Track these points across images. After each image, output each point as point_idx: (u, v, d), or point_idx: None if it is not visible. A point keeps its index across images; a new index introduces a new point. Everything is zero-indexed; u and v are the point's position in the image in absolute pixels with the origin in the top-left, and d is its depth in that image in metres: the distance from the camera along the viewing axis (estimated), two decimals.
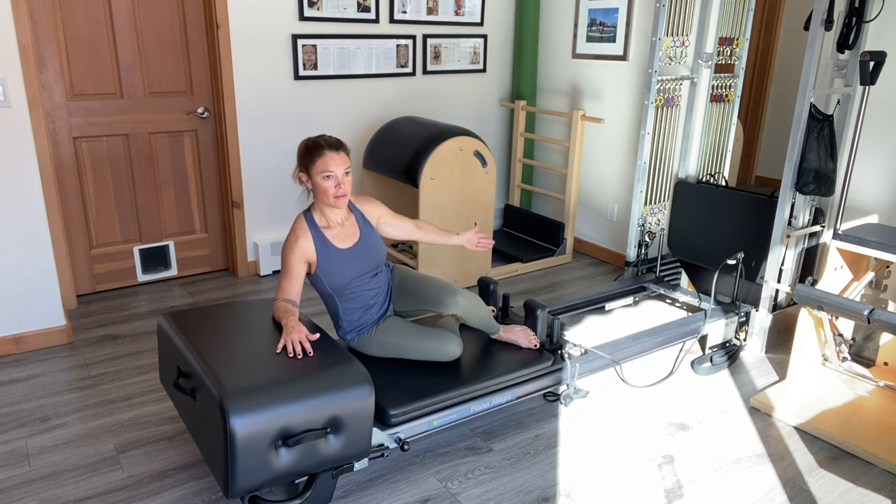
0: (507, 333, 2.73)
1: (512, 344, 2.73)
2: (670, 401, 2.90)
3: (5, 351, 3.18)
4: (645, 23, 4.13)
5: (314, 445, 1.91)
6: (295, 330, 2.13)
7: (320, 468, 1.98)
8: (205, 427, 1.92)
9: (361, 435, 2.01)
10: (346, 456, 2.01)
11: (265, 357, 2.02)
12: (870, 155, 3.19)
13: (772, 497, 2.32)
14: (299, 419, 1.85)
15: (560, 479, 2.38)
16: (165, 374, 2.33)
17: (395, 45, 4.34)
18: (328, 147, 2.25)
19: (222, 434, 1.76)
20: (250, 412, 1.77)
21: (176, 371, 2.15)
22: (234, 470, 1.76)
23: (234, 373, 1.90)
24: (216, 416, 1.80)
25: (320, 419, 1.90)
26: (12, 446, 2.50)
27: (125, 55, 3.64)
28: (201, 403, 1.94)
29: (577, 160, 4.36)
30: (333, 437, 1.96)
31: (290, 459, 1.87)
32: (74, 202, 3.70)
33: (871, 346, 3.13)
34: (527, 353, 2.67)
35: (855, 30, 2.95)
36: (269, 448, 1.82)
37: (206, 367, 1.95)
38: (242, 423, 1.75)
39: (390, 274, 2.59)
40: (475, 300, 2.53)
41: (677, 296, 3.71)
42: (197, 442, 2.04)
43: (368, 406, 2.00)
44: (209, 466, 1.94)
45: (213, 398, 1.82)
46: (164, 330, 2.30)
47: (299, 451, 1.89)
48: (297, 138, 4.18)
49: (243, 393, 1.81)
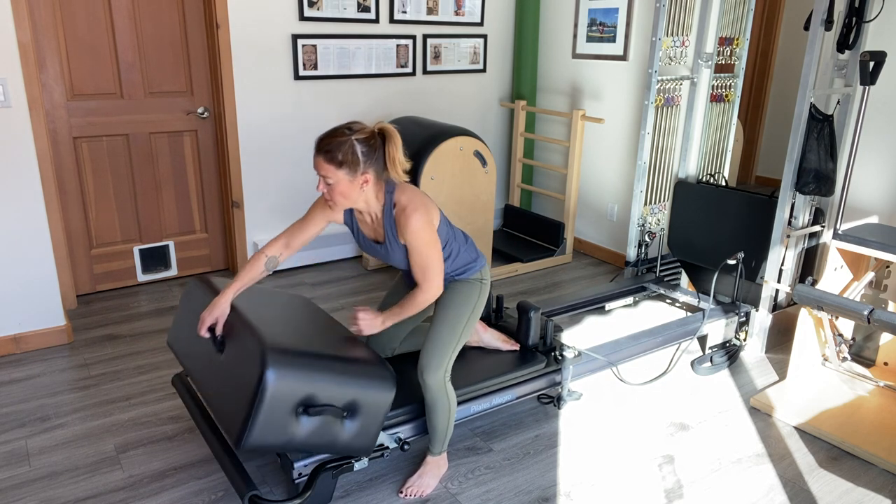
0: (478, 341, 2.71)
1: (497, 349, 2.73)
2: (670, 401, 2.90)
3: (5, 351, 3.18)
4: (645, 23, 4.13)
5: (328, 426, 1.95)
6: (212, 309, 2.10)
7: (326, 451, 2.00)
8: (228, 378, 1.95)
9: (371, 430, 2.05)
10: (352, 447, 2.03)
11: (302, 329, 2.08)
12: (870, 155, 3.19)
13: (772, 497, 2.32)
14: (325, 394, 1.91)
15: (560, 479, 2.38)
16: (180, 332, 2.31)
17: (395, 45, 4.35)
18: (316, 146, 1.99)
19: (254, 385, 1.80)
20: (286, 370, 1.82)
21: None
22: (255, 421, 1.79)
23: (274, 333, 1.95)
24: (251, 367, 1.84)
25: (342, 400, 1.95)
26: (12, 446, 2.50)
27: (125, 55, 3.64)
28: (231, 355, 1.98)
29: (577, 160, 4.36)
30: (349, 422, 1.99)
31: (304, 430, 1.90)
32: (74, 202, 3.70)
33: (871, 346, 3.13)
34: (520, 356, 2.67)
35: (855, 30, 2.95)
36: (291, 412, 1.87)
37: (246, 322, 2.00)
38: (276, 378, 1.80)
39: None
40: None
41: (677, 296, 3.72)
42: (208, 395, 2.05)
43: (385, 404, 2.05)
44: (219, 419, 1.94)
45: (253, 349, 1.87)
46: (196, 289, 2.32)
47: (314, 425, 1.92)
48: (297, 138, 4.18)
49: (283, 352, 1.86)
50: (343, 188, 1.98)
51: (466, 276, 2.26)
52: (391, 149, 2.00)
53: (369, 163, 1.97)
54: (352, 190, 1.99)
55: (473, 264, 2.27)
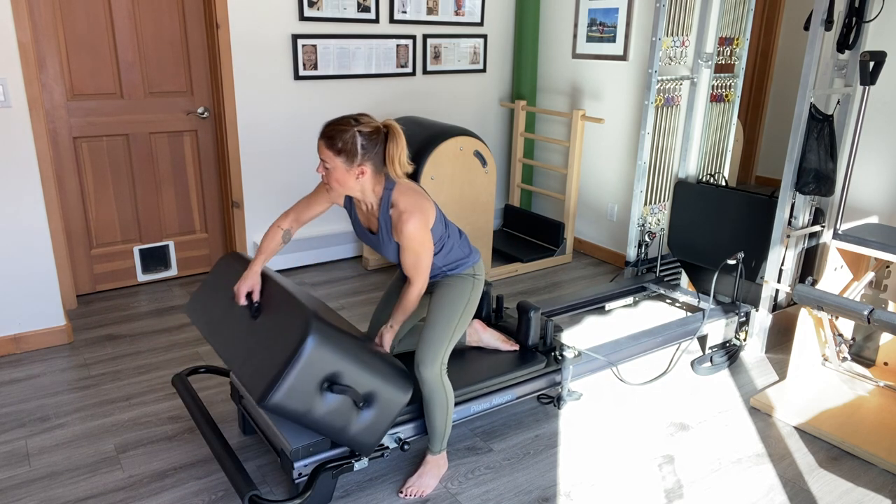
0: (477, 341, 2.72)
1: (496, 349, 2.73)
2: (670, 401, 2.90)
3: (5, 351, 3.18)
4: (645, 23, 4.13)
5: (344, 411, 2.00)
6: (246, 278, 2.18)
7: (334, 436, 2.03)
8: (260, 342, 2.04)
9: (380, 427, 2.09)
10: (358, 440, 2.06)
11: (332, 316, 2.18)
12: (870, 155, 3.19)
13: (772, 497, 2.32)
14: (350, 377, 1.98)
15: (560, 479, 2.38)
16: (201, 301, 2.35)
17: (395, 45, 4.35)
18: (321, 130, 2.08)
19: (293, 347, 1.89)
20: (325, 341, 1.92)
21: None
22: (284, 381, 1.86)
23: (314, 308, 2.04)
24: (292, 332, 1.93)
25: (363, 389, 2.02)
26: (12, 446, 2.50)
27: (125, 55, 3.64)
28: (268, 321, 2.08)
29: (577, 160, 4.36)
30: (363, 412, 2.05)
31: (322, 407, 1.95)
32: (74, 202, 3.70)
33: (871, 346, 3.13)
34: (520, 356, 2.67)
35: (855, 30, 2.95)
36: (318, 384, 1.93)
37: (288, 294, 2.11)
38: (315, 345, 1.90)
39: None
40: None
41: (677, 296, 3.72)
42: (231, 357, 2.09)
43: (400, 404, 2.11)
44: (243, 377, 1.99)
45: (297, 316, 1.98)
46: (231, 262, 2.38)
47: (332, 405, 1.98)
48: (297, 138, 4.18)
49: (324, 324, 1.96)
50: (339, 175, 2.04)
51: (459, 270, 2.30)
52: (392, 147, 2.05)
53: (367, 156, 2.02)
54: (347, 178, 2.04)
55: (466, 259, 2.31)
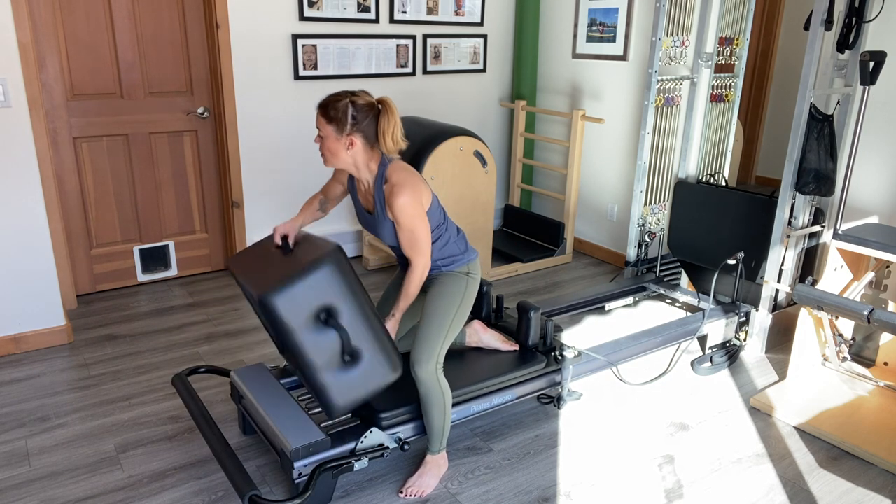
0: (477, 342, 2.73)
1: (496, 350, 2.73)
2: (670, 401, 2.90)
3: (5, 351, 3.18)
4: (645, 23, 4.13)
5: (329, 353, 2.03)
6: (286, 224, 2.28)
7: (308, 373, 2.03)
8: (284, 264, 2.13)
9: (354, 392, 2.08)
10: (328, 393, 2.06)
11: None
12: (870, 155, 3.19)
13: (772, 497, 2.32)
14: (349, 323, 2.03)
15: (560, 479, 2.38)
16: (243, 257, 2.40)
17: (395, 45, 4.35)
18: (319, 102, 2.15)
19: (308, 264, 2.00)
20: (337, 273, 2.01)
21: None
22: (290, 288, 1.95)
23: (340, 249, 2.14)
24: (312, 257, 2.04)
25: (355, 342, 2.05)
26: (12, 446, 2.50)
27: (125, 55, 3.64)
28: (296, 254, 2.17)
29: (577, 160, 4.36)
30: (346, 367, 2.05)
31: (312, 333, 2.00)
32: (74, 202, 3.70)
33: (871, 346, 3.13)
34: (520, 356, 2.67)
35: (855, 30, 2.95)
36: (316, 309, 1.99)
37: (319, 241, 2.20)
38: (328, 272, 2.00)
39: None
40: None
41: (677, 296, 3.72)
42: (253, 280, 2.14)
43: (383, 380, 2.11)
44: (253, 283, 2.06)
45: (320, 249, 2.08)
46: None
47: (321, 339, 2.01)
48: (297, 138, 4.18)
49: (343, 262, 2.05)
50: (330, 144, 2.10)
51: (453, 267, 2.30)
52: (384, 122, 2.10)
53: (357, 127, 2.07)
54: (338, 148, 2.10)
55: (461, 256, 2.31)
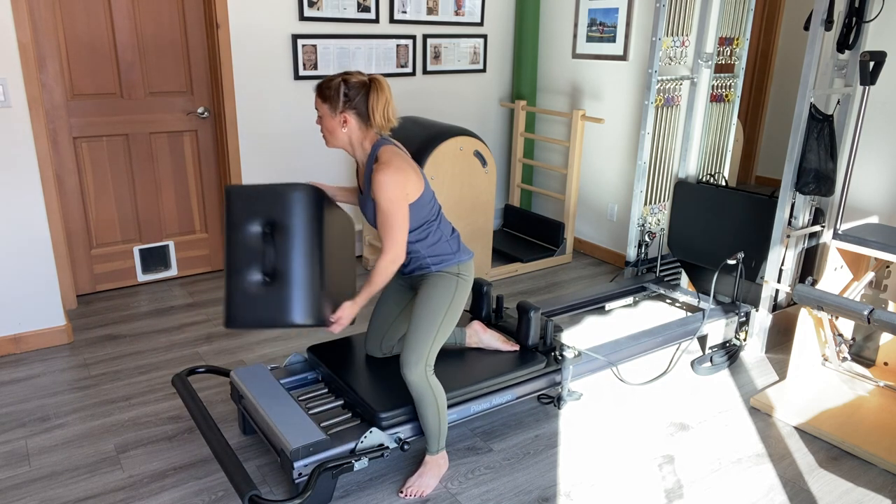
0: (477, 342, 2.72)
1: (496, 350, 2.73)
2: (670, 401, 2.90)
3: (5, 351, 3.18)
4: (645, 23, 4.13)
5: (253, 261, 2.05)
6: (322, 183, 2.41)
7: (229, 272, 2.06)
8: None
9: (254, 311, 2.04)
10: (234, 300, 2.05)
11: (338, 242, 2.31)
12: (870, 155, 3.19)
13: (772, 497, 2.32)
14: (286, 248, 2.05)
15: (560, 479, 2.38)
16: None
17: (395, 45, 4.35)
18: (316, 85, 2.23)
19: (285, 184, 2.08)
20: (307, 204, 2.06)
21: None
22: (252, 189, 2.08)
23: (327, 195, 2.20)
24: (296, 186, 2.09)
25: (283, 266, 2.04)
26: (12, 446, 2.50)
27: (125, 55, 3.64)
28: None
29: (577, 160, 4.36)
30: (263, 286, 2.05)
31: (250, 236, 2.06)
32: (74, 202, 3.70)
33: (871, 346, 3.13)
34: (520, 356, 2.67)
35: (855, 30, 2.95)
36: (266, 219, 2.06)
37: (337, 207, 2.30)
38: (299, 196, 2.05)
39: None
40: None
41: (677, 296, 3.72)
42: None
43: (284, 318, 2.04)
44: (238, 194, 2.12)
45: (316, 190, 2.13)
46: None
47: (254, 246, 2.06)
48: (297, 138, 4.18)
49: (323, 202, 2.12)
50: (327, 123, 2.17)
51: (442, 266, 2.28)
52: (372, 98, 2.14)
53: (349, 104, 2.13)
54: (335, 126, 2.16)
55: (452, 256, 2.29)
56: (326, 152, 4.30)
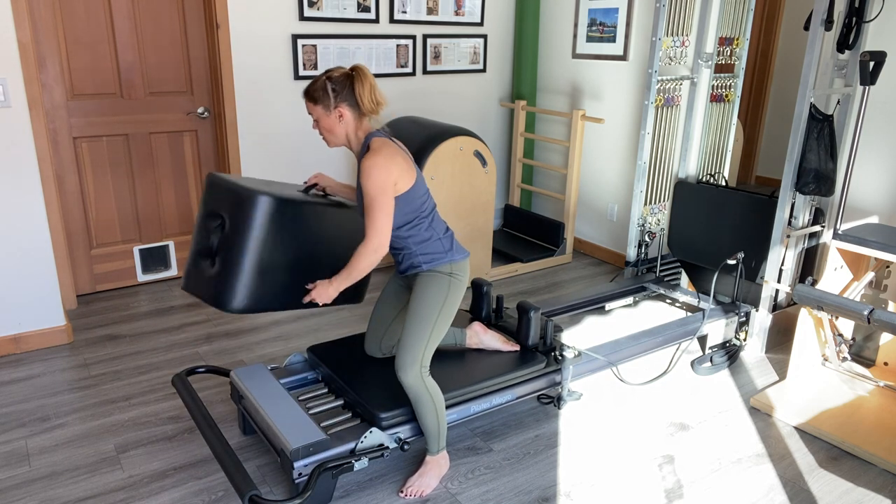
0: (478, 343, 2.72)
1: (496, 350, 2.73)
2: (670, 401, 2.90)
3: (5, 351, 3.18)
4: (645, 23, 4.13)
5: (201, 248, 2.23)
6: (327, 176, 2.51)
7: (193, 245, 2.26)
8: (267, 184, 2.41)
9: (198, 288, 2.25)
10: (186, 272, 2.29)
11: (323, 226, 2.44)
12: (870, 155, 3.19)
13: (772, 497, 2.32)
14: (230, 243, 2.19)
15: (560, 479, 2.38)
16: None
17: (395, 45, 4.35)
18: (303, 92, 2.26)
19: (254, 190, 2.20)
20: (269, 214, 2.19)
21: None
22: (229, 186, 2.22)
23: (307, 200, 2.35)
24: (267, 192, 2.22)
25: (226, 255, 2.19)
26: (12, 446, 2.50)
27: (125, 55, 3.64)
28: (289, 189, 2.44)
29: (577, 160, 4.36)
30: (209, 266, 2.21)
31: (205, 225, 2.24)
32: (74, 202, 3.70)
33: (871, 346, 3.13)
34: (520, 356, 2.67)
35: (855, 30, 2.95)
36: (231, 213, 2.20)
37: (334, 203, 2.44)
38: (263, 204, 2.18)
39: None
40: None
41: (677, 296, 3.72)
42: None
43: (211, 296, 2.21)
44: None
45: (291, 195, 2.30)
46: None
47: (207, 234, 2.23)
48: (297, 138, 4.18)
49: (287, 209, 2.25)
50: (325, 123, 2.19)
51: (433, 265, 2.25)
52: (357, 86, 2.16)
53: (340, 97, 2.16)
54: (333, 124, 2.18)
55: (443, 255, 2.26)
56: (326, 152, 4.30)
